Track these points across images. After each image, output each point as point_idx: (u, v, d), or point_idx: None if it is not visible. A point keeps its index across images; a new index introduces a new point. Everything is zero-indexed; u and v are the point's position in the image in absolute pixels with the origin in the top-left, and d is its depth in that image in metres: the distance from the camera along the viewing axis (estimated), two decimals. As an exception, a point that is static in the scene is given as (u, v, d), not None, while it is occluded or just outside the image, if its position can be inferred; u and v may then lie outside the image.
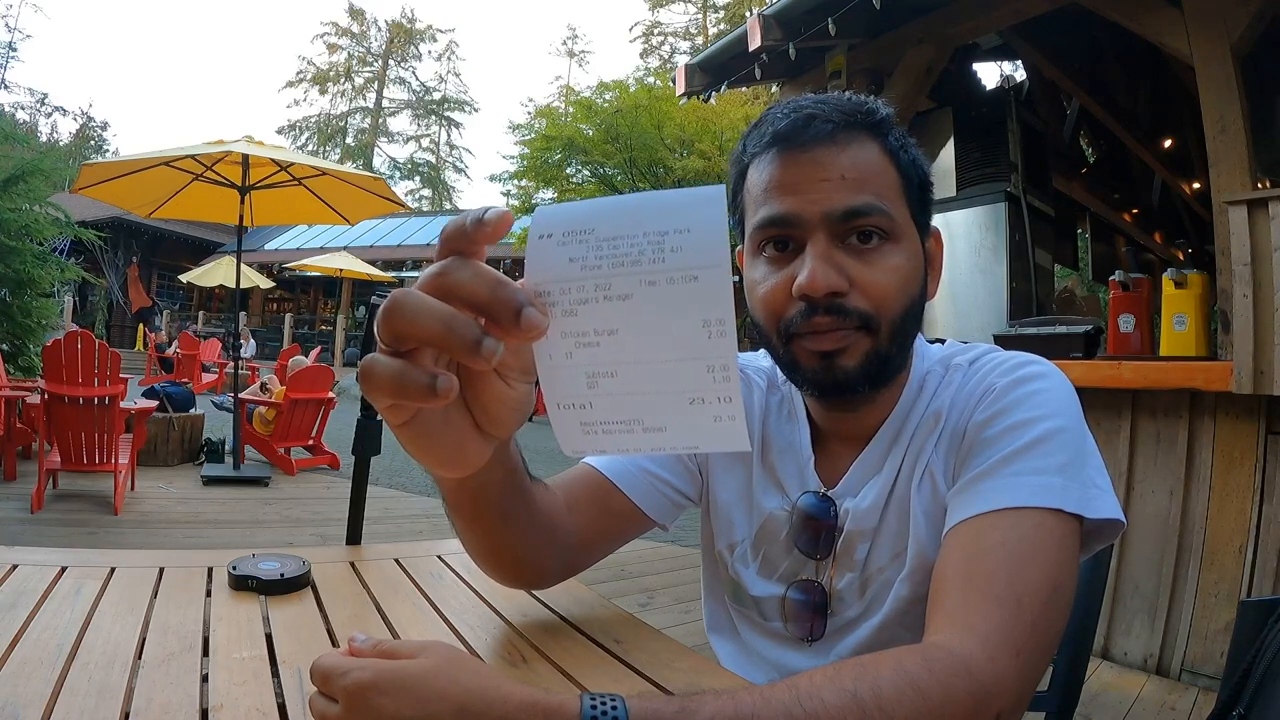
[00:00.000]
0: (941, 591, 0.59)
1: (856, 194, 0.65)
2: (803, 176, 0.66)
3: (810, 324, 0.66)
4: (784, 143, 0.67)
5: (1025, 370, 0.69)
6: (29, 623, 0.67)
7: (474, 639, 0.71)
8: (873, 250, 0.66)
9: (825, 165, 0.66)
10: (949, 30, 3.32)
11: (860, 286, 0.65)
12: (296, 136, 38.19)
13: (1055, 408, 0.66)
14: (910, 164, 0.69)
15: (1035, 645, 0.55)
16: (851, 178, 0.65)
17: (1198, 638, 2.34)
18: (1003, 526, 0.60)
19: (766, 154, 0.69)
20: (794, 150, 0.67)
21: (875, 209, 0.65)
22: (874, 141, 0.68)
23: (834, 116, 0.67)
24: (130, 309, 18.82)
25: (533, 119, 13.53)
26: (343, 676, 0.47)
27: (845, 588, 0.75)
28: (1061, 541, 0.59)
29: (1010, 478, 0.62)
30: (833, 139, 0.66)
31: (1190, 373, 2.35)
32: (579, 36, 46.64)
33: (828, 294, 0.64)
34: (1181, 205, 5.70)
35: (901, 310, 0.67)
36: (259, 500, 4.65)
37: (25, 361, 5.89)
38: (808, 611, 0.77)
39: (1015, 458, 0.63)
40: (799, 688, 0.49)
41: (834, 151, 0.66)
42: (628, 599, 3.08)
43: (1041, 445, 0.63)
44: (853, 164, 0.66)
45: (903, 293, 0.67)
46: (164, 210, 5.63)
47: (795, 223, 0.66)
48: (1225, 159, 2.40)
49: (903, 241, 0.67)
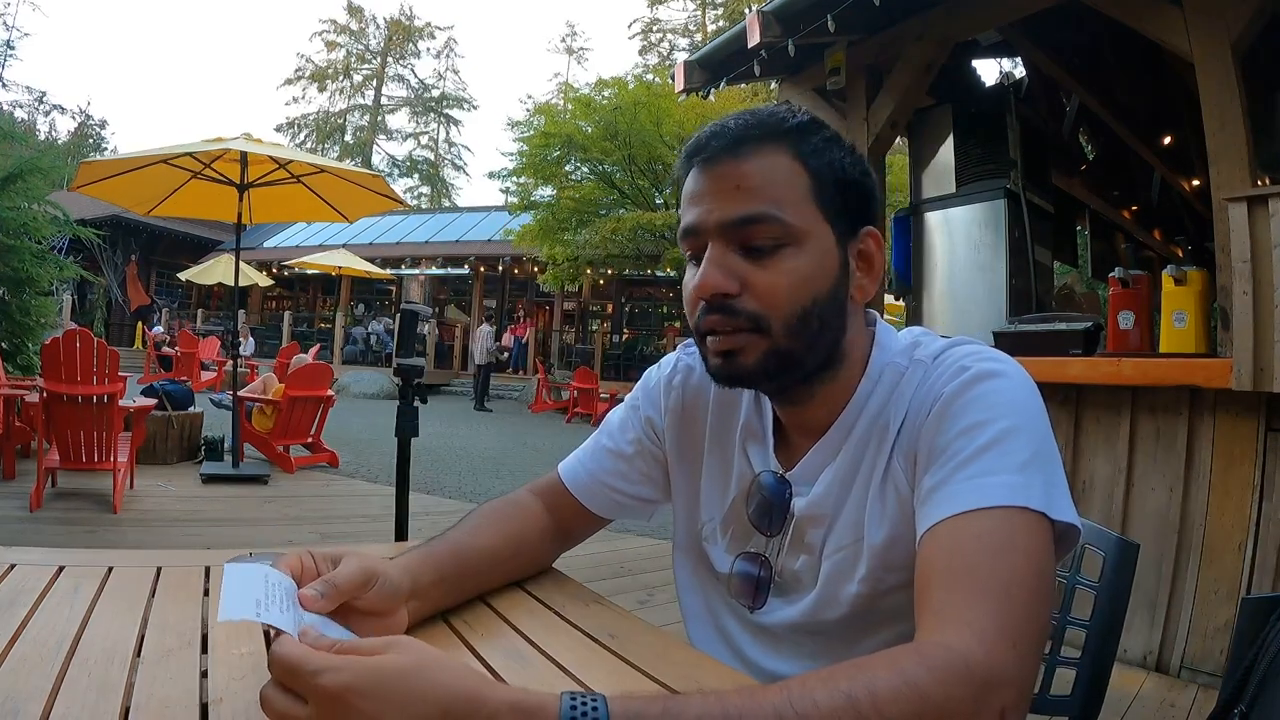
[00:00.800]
0: (926, 593, 0.59)
1: (749, 203, 0.69)
2: (705, 188, 0.71)
3: (707, 322, 0.71)
4: (694, 156, 0.73)
5: (976, 370, 0.68)
6: (28, 621, 0.67)
7: (470, 634, 0.71)
8: (769, 254, 0.69)
9: (724, 176, 0.70)
10: (948, 27, 3.32)
11: (752, 289, 0.69)
12: (295, 134, 38.19)
13: (1008, 408, 0.65)
14: (826, 167, 0.71)
15: (1029, 633, 0.55)
16: (747, 186, 0.69)
17: (1198, 635, 2.34)
18: (974, 524, 0.60)
19: (686, 169, 0.75)
20: (701, 163, 0.72)
21: (767, 216, 0.69)
22: (781, 149, 0.71)
23: (736, 129, 0.71)
24: (129, 307, 18.81)
25: (531, 116, 13.52)
26: (316, 675, 0.45)
27: (801, 569, 0.78)
28: (1034, 533, 0.59)
29: (967, 481, 0.62)
30: (734, 151, 0.70)
31: (1190, 370, 2.35)
32: (578, 33, 46.67)
33: (716, 295, 0.69)
34: (1181, 202, 5.70)
35: (798, 310, 0.69)
36: (258, 498, 4.65)
37: (24, 360, 5.87)
38: (750, 582, 0.81)
39: (970, 461, 0.63)
40: (790, 689, 0.48)
41: (734, 162, 0.70)
42: (626, 596, 3.08)
43: (996, 446, 0.63)
44: (752, 172, 0.70)
45: (798, 292, 0.69)
46: (163, 208, 5.63)
47: (698, 231, 0.71)
48: (1225, 156, 2.39)
49: (805, 244, 0.70)
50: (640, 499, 0.90)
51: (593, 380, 12.34)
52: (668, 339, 15.85)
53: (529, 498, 0.90)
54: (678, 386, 0.88)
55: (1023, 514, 0.60)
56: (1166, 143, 4.98)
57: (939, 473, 0.65)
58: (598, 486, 0.89)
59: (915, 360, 0.74)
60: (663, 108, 11.02)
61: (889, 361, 0.75)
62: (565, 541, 0.92)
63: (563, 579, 0.89)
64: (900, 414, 0.72)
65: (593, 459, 0.91)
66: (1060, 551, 0.64)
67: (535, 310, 19.23)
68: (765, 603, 0.80)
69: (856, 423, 0.75)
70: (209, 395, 8.57)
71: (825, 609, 0.75)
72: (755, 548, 0.81)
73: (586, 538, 0.94)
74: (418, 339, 5.23)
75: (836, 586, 0.74)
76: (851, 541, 0.74)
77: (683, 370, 0.89)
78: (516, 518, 0.86)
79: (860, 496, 0.73)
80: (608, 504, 0.90)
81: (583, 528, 0.92)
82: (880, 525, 0.72)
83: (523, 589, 0.85)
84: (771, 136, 0.71)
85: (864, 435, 0.74)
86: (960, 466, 0.63)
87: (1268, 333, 2.16)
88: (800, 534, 0.77)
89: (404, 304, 1.11)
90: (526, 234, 13.08)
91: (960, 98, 3.89)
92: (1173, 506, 2.44)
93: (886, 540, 0.71)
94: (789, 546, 0.78)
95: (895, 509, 0.71)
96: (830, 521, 0.75)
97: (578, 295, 18.65)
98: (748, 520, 0.81)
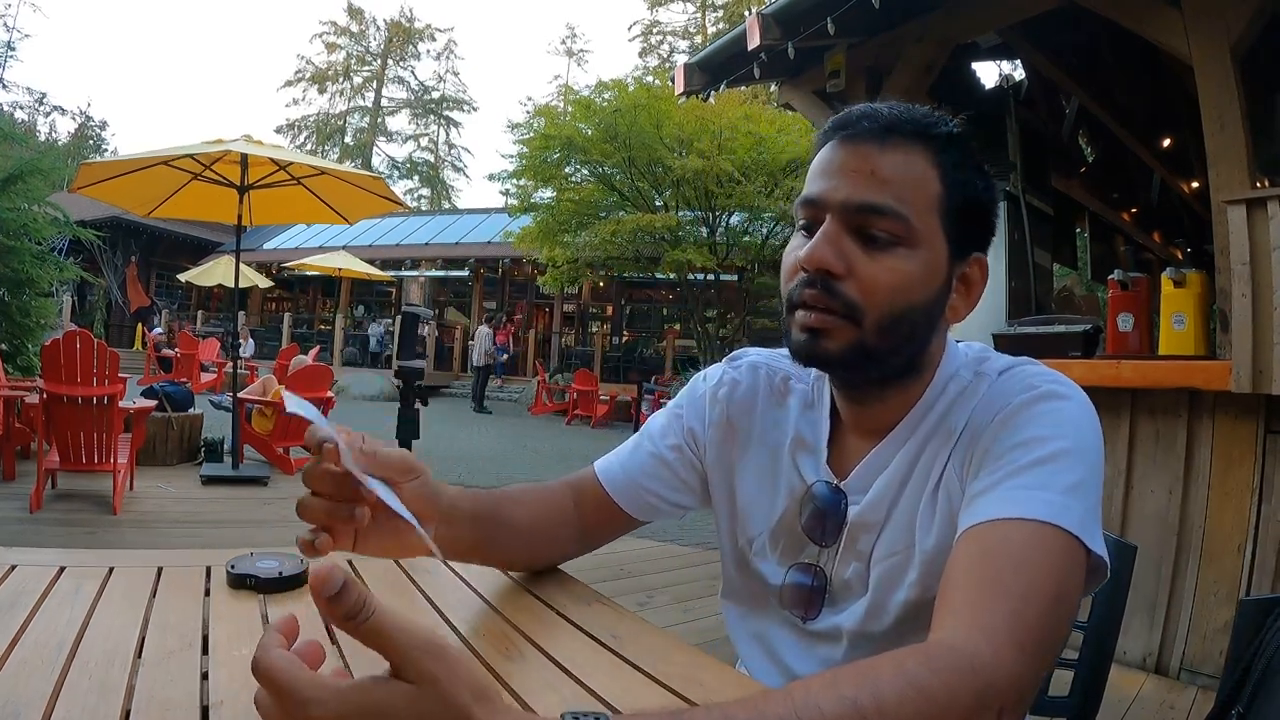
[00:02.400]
0: (947, 592, 0.60)
1: (880, 192, 0.68)
2: (840, 164, 0.70)
3: (803, 295, 0.70)
4: (836, 131, 0.72)
5: (1044, 389, 0.69)
6: (28, 622, 0.67)
7: (471, 635, 0.71)
8: (882, 248, 0.69)
9: (861, 158, 0.69)
10: (948, 29, 3.32)
11: (857, 275, 0.68)
12: (295, 136, 38.16)
13: (1069, 430, 0.66)
14: (960, 184, 0.71)
15: (1039, 642, 0.55)
16: (882, 175, 0.68)
17: (1197, 636, 2.34)
18: (1008, 532, 0.60)
19: (825, 140, 0.74)
20: (844, 139, 0.71)
21: (893, 210, 0.68)
22: (923, 151, 0.70)
23: (888, 118, 0.70)
24: (129, 308, 18.79)
25: (531, 118, 13.47)
26: (305, 707, 0.41)
27: (852, 577, 0.77)
28: (1064, 553, 0.59)
29: (1014, 490, 0.62)
30: (880, 137, 0.69)
31: (1189, 372, 2.35)
32: (578, 36, 46.57)
33: (820, 270, 0.68)
34: (1180, 204, 5.70)
35: (894, 310, 0.69)
36: (258, 500, 4.65)
37: (24, 361, 5.87)
38: (804, 592, 0.80)
39: (1020, 473, 0.63)
40: (794, 697, 0.48)
41: (876, 148, 0.69)
42: (627, 598, 3.08)
43: (1049, 464, 0.63)
44: (888, 164, 0.69)
45: (899, 293, 0.69)
46: (163, 210, 5.62)
47: (820, 204, 0.70)
48: (1224, 158, 2.40)
49: (919, 250, 0.69)
50: (676, 505, 0.90)
51: (592, 382, 12.34)
52: (667, 341, 15.85)
53: (561, 489, 0.89)
54: (722, 400, 0.87)
55: (1056, 532, 0.60)
56: (1166, 145, 4.98)
57: (988, 479, 0.65)
58: (634, 488, 0.88)
59: (980, 374, 0.75)
60: (663, 110, 11.00)
61: (954, 373, 0.76)
62: (585, 542, 0.90)
63: (565, 579, 0.89)
64: (961, 423, 0.72)
65: (632, 460, 0.90)
66: (1089, 586, 0.64)
67: (534, 312, 19.23)
68: (819, 613, 0.80)
69: (916, 430, 0.75)
70: (209, 397, 8.56)
71: (876, 615, 0.75)
72: (809, 558, 0.81)
73: (606, 542, 0.92)
74: (419, 341, 5.22)
75: (886, 593, 0.74)
76: (904, 547, 0.74)
77: (728, 384, 0.88)
78: (546, 502, 0.86)
79: (912, 502, 0.73)
80: (642, 506, 0.89)
81: (608, 528, 0.90)
82: (931, 531, 0.72)
83: (524, 588, 0.85)
84: (920, 136, 0.70)
85: (922, 442, 0.74)
86: (1010, 476, 0.64)
87: (1267, 335, 2.16)
88: (853, 541, 0.77)
89: (405, 306, 1.07)
90: (526, 236, 13.07)
91: (960, 100, 3.88)
92: (1172, 508, 2.44)
93: (937, 546, 0.71)
94: (842, 555, 0.78)
95: (947, 515, 0.71)
96: (881, 527, 0.75)
97: (577, 297, 18.63)
98: (800, 531, 0.80)
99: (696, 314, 12.55)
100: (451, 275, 19.19)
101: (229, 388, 6.10)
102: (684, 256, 11.18)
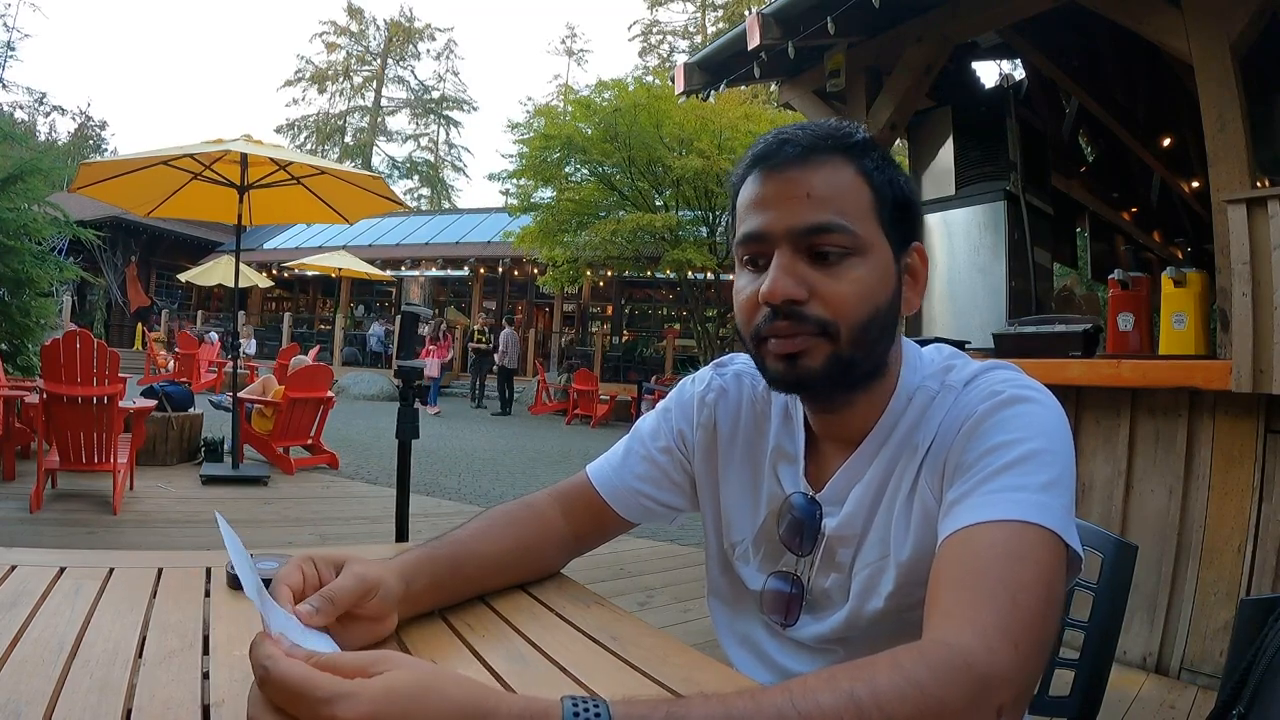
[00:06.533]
0: (936, 594, 0.61)
1: (820, 211, 0.70)
2: (774, 194, 0.72)
3: (772, 328, 0.72)
4: (761, 163, 0.74)
5: (1009, 394, 0.70)
6: (29, 622, 0.67)
7: (471, 636, 0.71)
8: (835, 263, 0.71)
9: (794, 184, 0.71)
10: (948, 29, 3.32)
11: (820, 296, 0.70)
12: (295, 135, 38.13)
13: (1037, 430, 0.67)
14: (886, 184, 0.74)
15: (1032, 639, 0.56)
16: (817, 196, 0.71)
17: (1197, 636, 2.34)
18: (991, 534, 0.61)
19: (748, 175, 0.75)
20: (768, 170, 0.73)
21: (837, 226, 0.70)
22: (847, 163, 0.73)
23: (806, 140, 0.72)
24: (129, 308, 18.79)
25: (531, 118, 13.46)
26: (329, 704, 0.42)
27: (832, 587, 0.79)
28: (1049, 551, 0.61)
29: (992, 494, 0.64)
30: (804, 160, 0.72)
31: (1189, 371, 2.35)
32: (578, 35, 46.59)
33: (785, 301, 0.70)
34: (1180, 204, 5.70)
35: (863, 318, 0.71)
36: (258, 500, 4.65)
37: (24, 361, 5.87)
38: (783, 599, 0.82)
39: (994, 477, 0.65)
40: (793, 690, 0.49)
41: (804, 172, 0.71)
42: (626, 598, 3.08)
43: (1023, 464, 0.65)
44: (821, 183, 0.71)
45: (864, 302, 0.71)
46: (163, 209, 5.63)
47: (765, 238, 0.72)
48: (1224, 157, 2.40)
49: (869, 255, 0.72)
50: (668, 506, 0.91)
51: (592, 382, 12.34)
52: (667, 341, 15.85)
53: (547, 502, 0.90)
54: (710, 404, 0.89)
55: (1039, 531, 0.61)
56: (1166, 144, 4.98)
57: (963, 486, 0.66)
58: (627, 491, 0.90)
59: (947, 385, 0.76)
60: (663, 110, 10.99)
61: (921, 384, 0.77)
62: (578, 548, 0.91)
63: (564, 580, 0.89)
64: (930, 436, 0.73)
65: (624, 463, 0.91)
66: (1066, 581, 0.65)
67: (534, 311, 19.23)
68: (798, 619, 0.81)
69: (887, 441, 0.76)
70: (209, 396, 8.57)
71: (855, 624, 0.77)
72: (786, 566, 0.83)
73: (603, 543, 0.93)
74: (419, 340, 5.22)
75: (865, 602, 0.76)
76: (879, 558, 0.75)
77: (716, 390, 0.90)
78: (528, 522, 0.86)
79: (887, 514, 0.75)
80: (636, 509, 0.90)
81: (602, 532, 0.92)
82: (906, 541, 0.73)
83: (524, 590, 0.85)
84: (839, 150, 0.73)
85: (893, 455, 0.75)
86: (984, 481, 0.65)
87: (1267, 334, 2.16)
88: (831, 553, 0.79)
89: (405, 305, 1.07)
90: (526, 236, 13.06)
91: (960, 100, 3.89)
92: (1172, 508, 2.44)
93: (913, 556, 0.72)
94: (820, 565, 0.80)
95: (921, 524, 0.72)
96: (859, 540, 0.77)
97: (577, 297, 18.63)
98: (779, 540, 0.82)
99: (696, 314, 12.56)
100: (451, 275, 19.19)
101: (229, 387, 6.10)
102: (684, 256, 11.18)
